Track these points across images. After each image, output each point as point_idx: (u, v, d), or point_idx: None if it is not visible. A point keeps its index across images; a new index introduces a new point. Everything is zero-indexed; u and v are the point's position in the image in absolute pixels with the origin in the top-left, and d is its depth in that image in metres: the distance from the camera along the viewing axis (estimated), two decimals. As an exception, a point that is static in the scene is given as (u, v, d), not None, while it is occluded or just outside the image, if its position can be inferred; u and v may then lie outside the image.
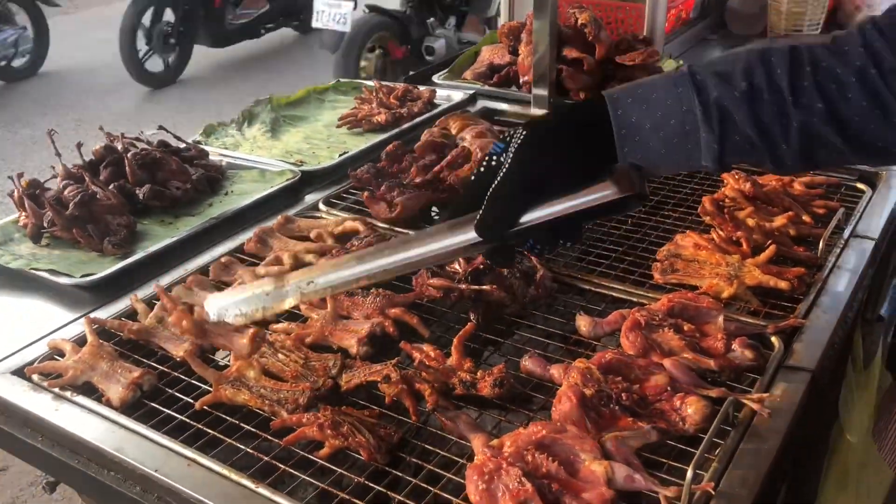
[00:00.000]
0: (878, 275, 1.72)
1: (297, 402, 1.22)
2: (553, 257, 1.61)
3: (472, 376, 1.24)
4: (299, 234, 1.72)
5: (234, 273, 1.58)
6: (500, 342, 1.38)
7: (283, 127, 2.34)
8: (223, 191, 1.96)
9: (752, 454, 1.09)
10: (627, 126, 0.96)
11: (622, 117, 0.96)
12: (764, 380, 1.22)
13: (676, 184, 1.91)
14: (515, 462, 1.05)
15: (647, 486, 1.04)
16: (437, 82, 2.64)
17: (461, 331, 1.32)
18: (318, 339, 1.37)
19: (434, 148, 2.00)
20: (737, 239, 1.54)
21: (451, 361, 1.28)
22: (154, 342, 1.40)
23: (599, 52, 2.43)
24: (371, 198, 1.77)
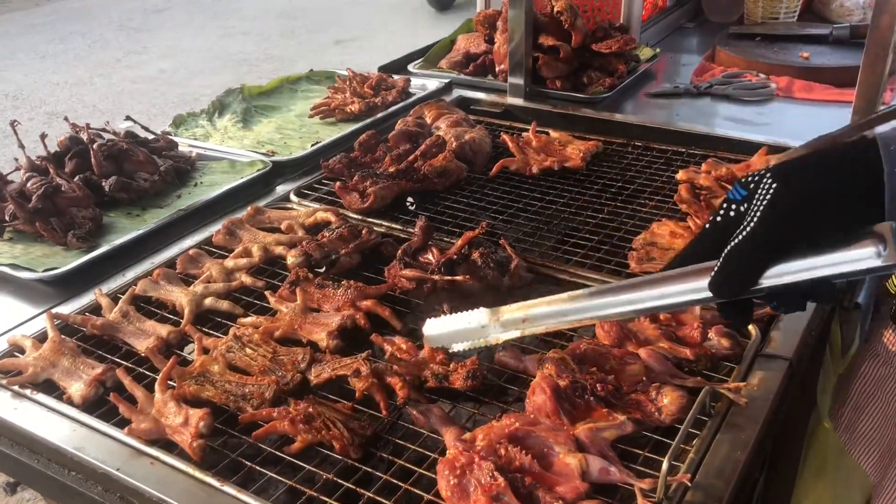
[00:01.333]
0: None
1: (263, 397, 1.18)
2: (528, 247, 1.59)
3: (445, 368, 1.21)
4: (269, 226, 1.69)
5: (201, 265, 1.54)
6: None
7: (255, 117, 2.30)
8: (192, 182, 1.91)
9: (729, 444, 1.07)
10: None
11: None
12: (741, 368, 1.20)
13: (653, 172, 1.89)
14: (488, 456, 1.03)
15: (621, 479, 1.01)
16: (413, 71, 2.61)
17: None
18: (288, 332, 1.33)
19: (408, 137, 1.97)
20: (713, 226, 1.52)
21: (424, 354, 1.25)
22: (119, 337, 1.36)
23: (575, 39, 2.40)
24: (343, 188, 1.73)
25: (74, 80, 7.55)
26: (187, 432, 1.11)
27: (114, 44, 8.67)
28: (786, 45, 2.71)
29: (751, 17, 3.03)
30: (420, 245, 1.49)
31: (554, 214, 1.72)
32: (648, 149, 2.01)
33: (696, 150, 1.97)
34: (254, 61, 7.94)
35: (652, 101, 2.41)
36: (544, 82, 2.40)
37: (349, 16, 9.42)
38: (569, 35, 2.42)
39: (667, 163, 1.94)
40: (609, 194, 1.80)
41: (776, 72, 2.47)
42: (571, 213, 1.72)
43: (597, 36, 2.48)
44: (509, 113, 2.30)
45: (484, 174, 1.90)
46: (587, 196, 1.79)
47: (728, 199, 0.90)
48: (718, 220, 0.89)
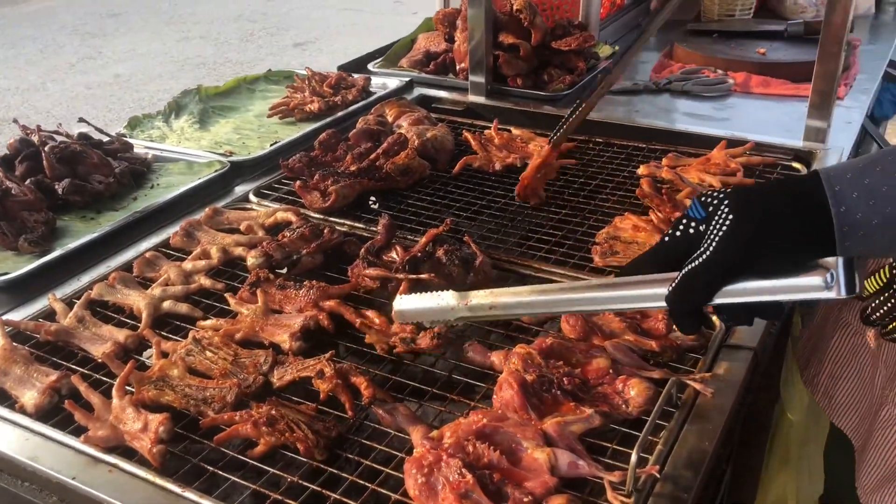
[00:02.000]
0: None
1: (225, 401, 1.16)
2: (492, 244, 1.58)
3: (410, 335, 1.22)
4: (228, 227, 1.65)
5: (159, 268, 1.50)
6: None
7: (213, 118, 2.26)
8: (149, 184, 1.87)
9: (696, 434, 1.07)
10: (851, 224, 0.84)
11: (845, 215, 0.83)
12: (706, 359, 1.20)
13: (615, 167, 1.90)
14: (456, 453, 1.01)
15: (590, 472, 1.01)
16: (373, 70, 2.59)
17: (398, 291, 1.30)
18: (249, 335, 1.31)
19: (369, 135, 1.95)
20: (676, 220, 1.53)
21: (395, 328, 1.25)
22: (74, 343, 1.32)
23: (535, 37, 2.41)
24: (304, 187, 1.71)
25: (26, 86, 7.38)
26: (147, 438, 1.08)
27: (68, 49, 8.49)
28: (742, 41, 2.74)
29: (707, 15, 3.06)
30: (383, 244, 1.47)
31: (517, 211, 1.72)
32: (609, 145, 2.02)
33: (656, 146, 1.98)
34: (212, 65, 7.84)
35: (612, 97, 2.42)
36: (505, 80, 2.39)
37: (308, 19, 9.35)
38: (528, 33, 2.42)
39: (628, 158, 1.95)
40: (571, 190, 1.80)
41: (734, 67, 2.50)
42: (534, 209, 1.72)
43: (556, 34, 2.49)
44: (471, 111, 2.30)
45: (447, 172, 1.89)
46: (551, 192, 1.79)
47: (687, 217, 0.93)
48: (678, 234, 0.93)
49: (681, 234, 0.92)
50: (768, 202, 0.86)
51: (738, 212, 0.87)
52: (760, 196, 0.87)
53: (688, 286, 0.89)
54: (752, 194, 0.88)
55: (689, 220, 0.92)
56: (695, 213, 0.92)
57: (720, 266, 0.87)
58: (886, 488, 1.46)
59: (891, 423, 1.45)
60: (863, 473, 1.51)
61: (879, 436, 1.47)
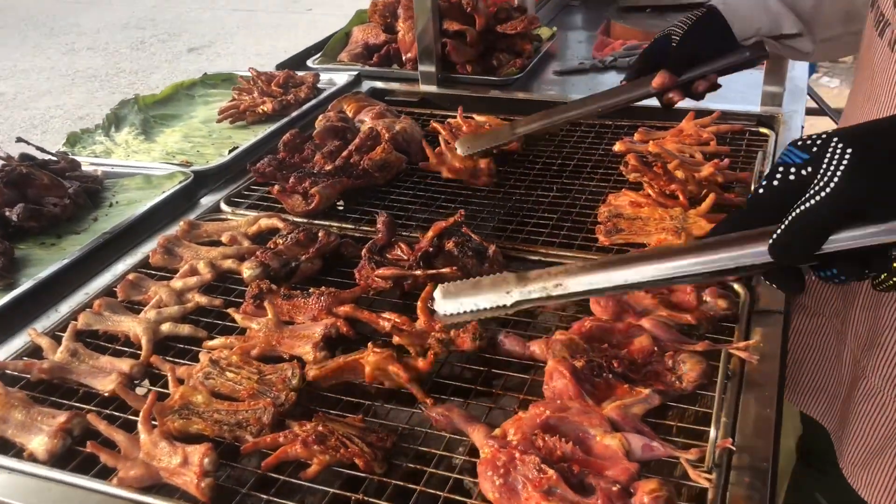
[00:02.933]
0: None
1: (261, 422, 1.08)
2: (490, 232, 1.54)
3: (447, 335, 1.16)
4: (208, 239, 1.56)
5: (146, 290, 1.40)
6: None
7: (156, 128, 2.13)
8: (107, 203, 1.75)
9: (755, 403, 1.07)
10: None
11: None
12: (741, 327, 1.20)
13: (588, 146, 1.89)
14: (528, 450, 0.98)
15: (666, 453, 0.99)
16: (312, 67, 2.50)
17: (422, 293, 1.24)
18: (266, 350, 1.23)
19: (335, 133, 1.87)
20: (671, 192, 1.53)
21: (420, 325, 1.20)
22: (72, 379, 1.21)
23: (479, 22, 2.38)
24: (282, 191, 1.62)
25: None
26: (190, 472, 0.99)
27: (-61, 69, 7.95)
28: (676, 14, 2.77)
29: (633, -8, 3.09)
30: (385, 242, 1.42)
31: (505, 197, 1.68)
32: (576, 125, 2.01)
33: (622, 122, 1.98)
34: (104, 77, 7.47)
35: (561, 78, 2.42)
36: (454, 67, 2.35)
37: (200, 22, 9.04)
38: (472, 19, 2.39)
39: (598, 136, 1.94)
40: (552, 172, 1.78)
41: (673, 41, 2.53)
42: (522, 194, 1.69)
43: (499, 18, 2.46)
44: (426, 101, 2.25)
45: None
46: (532, 176, 1.76)
47: (784, 163, 0.87)
48: (776, 183, 0.86)
49: (779, 182, 0.85)
50: (886, 135, 0.81)
51: (858, 144, 0.81)
52: (873, 130, 0.83)
53: (801, 230, 0.81)
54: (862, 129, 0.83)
55: (789, 167, 0.85)
56: (793, 158, 0.85)
57: (844, 202, 0.80)
58: (876, 462, 1.49)
59: (871, 395, 1.48)
60: (846, 451, 1.54)
61: (861, 409, 1.51)
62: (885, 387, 1.43)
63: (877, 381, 1.45)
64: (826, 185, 0.80)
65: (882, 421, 1.46)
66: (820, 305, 1.60)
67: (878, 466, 1.45)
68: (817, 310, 1.60)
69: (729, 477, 0.96)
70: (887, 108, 1.32)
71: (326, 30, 2.82)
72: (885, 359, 1.43)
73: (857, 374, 1.54)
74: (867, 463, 1.48)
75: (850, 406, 1.56)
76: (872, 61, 1.39)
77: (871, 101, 1.40)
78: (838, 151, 0.80)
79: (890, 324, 1.42)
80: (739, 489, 0.94)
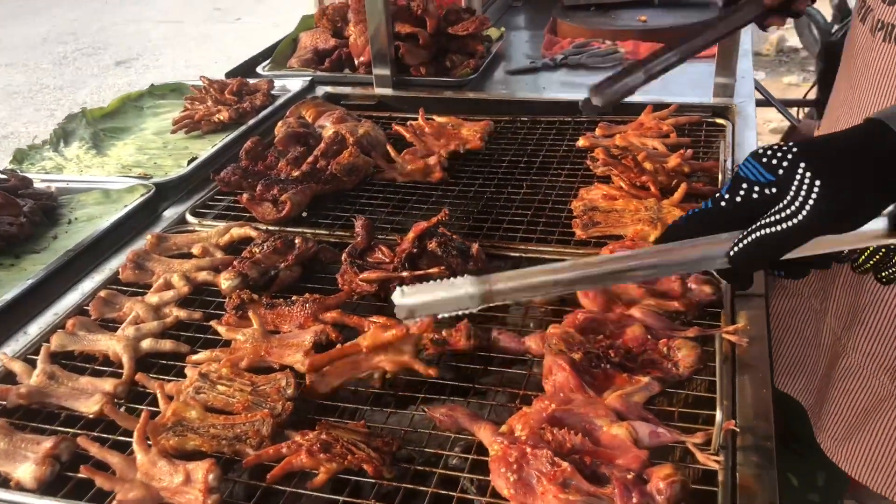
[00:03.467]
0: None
1: (261, 434, 1.05)
2: (467, 231, 1.54)
3: (440, 335, 1.15)
4: (178, 252, 1.52)
5: (120, 307, 1.35)
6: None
7: (107, 141, 2.06)
8: (65, 219, 1.68)
9: (751, 384, 1.09)
10: None
11: None
12: (727, 312, 1.23)
13: (552, 143, 1.91)
14: (538, 444, 0.98)
15: (673, 438, 1.00)
16: (263, 74, 2.46)
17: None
18: (255, 361, 1.20)
19: (297, 139, 1.85)
20: (642, 184, 1.55)
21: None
22: (52, 403, 1.16)
23: (431, 25, 2.38)
24: (252, 200, 1.59)
25: None
26: (194, 490, 0.96)
27: None
28: (619, 11, 2.83)
29: (573, -9, 3.13)
30: (365, 245, 1.40)
31: (476, 196, 1.68)
32: (536, 122, 2.02)
33: (581, 118, 2.01)
34: (27, 94, 7.21)
35: (514, 77, 2.43)
36: (407, 70, 2.35)
37: (125, 35, 8.80)
38: (423, 21, 2.39)
39: (559, 133, 1.96)
40: (520, 170, 1.79)
41: (620, 37, 2.57)
42: (493, 192, 1.69)
43: (449, 19, 2.47)
44: (383, 104, 2.23)
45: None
46: (500, 174, 1.77)
47: (748, 180, 0.89)
48: (739, 199, 0.89)
49: (742, 198, 0.89)
50: (853, 162, 0.84)
51: (827, 176, 0.83)
52: (838, 152, 0.85)
53: (763, 250, 0.86)
54: (827, 151, 0.85)
55: (752, 184, 0.88)
56: (757, 177, 0.88)
57: (811, 233, 0.85)
58: (855, 436, 1.54)
59: (852, 371, 1.53)
60: (825, 426, 1.59)
61: (841, 385, 1.56)
62: (865, 362, 1.48)
63: (857, 358, 1.50)
64: (794, 215, 0.83)
65: (862, 396, 1.50)
66: (799, 286, 1.65)
67: (859, 440, 1.50)
68: (797, 290, 1.65)
69: (736, 458, 0.98)
70: (868, 94, 1.36)
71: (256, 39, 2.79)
72: (865, 335, 1.48)
73: (836, 352, 1.58)
74: (848, 436, 1.53)
75: (829, 383, 1.61)
76: (856, 47, 1.44)
77: (852, 88, 1.44)
78: (806, 182, 0.83)
79: (870, 301, 1.47)
80: (748, 469, 0.96)
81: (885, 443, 1.47)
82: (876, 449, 1.48)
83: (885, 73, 1.35)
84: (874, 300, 1.45)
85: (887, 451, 1.47)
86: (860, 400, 1.53)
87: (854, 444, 1.51)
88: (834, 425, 1.57)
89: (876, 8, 1.36)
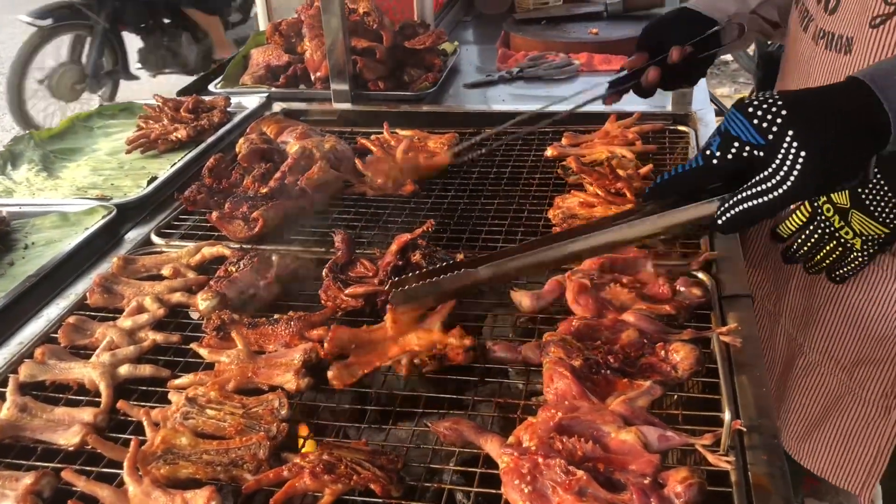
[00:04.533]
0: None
1: (257, 458, 1.01)
2: (447, 243, 1.51)
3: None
4: (147, 274, 1.46)
5: (90, 333, 1.29)
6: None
7: (57, 163, 1.98)
8: (20, 244, 1.60)
9: (749, 383, 1.09)
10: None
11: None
12: (716, 313, 1.23)
13: (519, 154, 1.90)
14: (549, 453, 0.96)
15: (682, 441, 0.99)
16: (215, 91, 2.40)
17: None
18: (242, 382, 1.15)
19: (261, 155, 1.80)
20: (617, 190, 1.56)
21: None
22: (27, 436, 1.10)
23: (386, 39, 2.37)
24: (222, 218, 1.54)
25: None
26: (195, 520, 0.91)
27: None
28: (569, 24, 2.87)
29: (522, 6, 3.16)
30: (346, 260, 1.37)
31: (450, 208, 1.67)
32: (501, 133, 2.01)
33: (546, 129, 2.01)
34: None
35: (472, 91, 2.43)
36: (365, 85, 2.32)
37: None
38: (379, 36, 2.38)
39: (525, 143, 1.96)
40: (490, 181, 1.78)
41: (573, 49, 2.60)
42: (467, 203, 1.68)
43: (405, 34, 2.46)
44: (344, 119, 2.20)
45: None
46: (471, 186, 1.76)
47: (739, 139, 0.93)
48: (730, 157, 0.95)
49: (733, 157, 0.95)
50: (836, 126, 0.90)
51: (811, 146, 0.89)
52: (824, 118, 0.90)
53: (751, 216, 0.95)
54: (815, 118, 0.90)
55: (743, 144, 0.94)
56: (748, 137, 0.93)
57: (794, 199, 0.93)
58: (816, 433, 1.57)
59: (809, 369, 1.57)
60: (785, 426, 1.62)
61: (799, 384, 1.59)
62: (823, 360, 1.51)
63: (814, 357, 1.52)
64: (779, 185, 0.91)
65: (821, 393, 1.53)
66: (752, 289, 1.67)
67: (819, 436, 1.53)
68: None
69: (746, 457, 0.97)
70: None
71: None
72: (821, 335, 1.51)
73: (792, 352, 1.61)
74: (808, 434, 1.56)
75: (786, 383, 1.64)
76: (798, 55, 1.47)
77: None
78: (792, 152, 0.90)
79: (824, 302, 1.50)
80: (760, 468, 0.96)
81: (846, 437, 1.50)
82: (837, 443, 1.51)
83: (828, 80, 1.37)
84: (829, 300, 1.48)
85: (848, 445, 1.51)
86: (819, 397, 1.56)
87: (815, 440, 1.54)
88: (794, 424, 1.60)
89: (817, 17, 1.39)
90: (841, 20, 1.34)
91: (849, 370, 1.47)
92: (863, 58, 1.29)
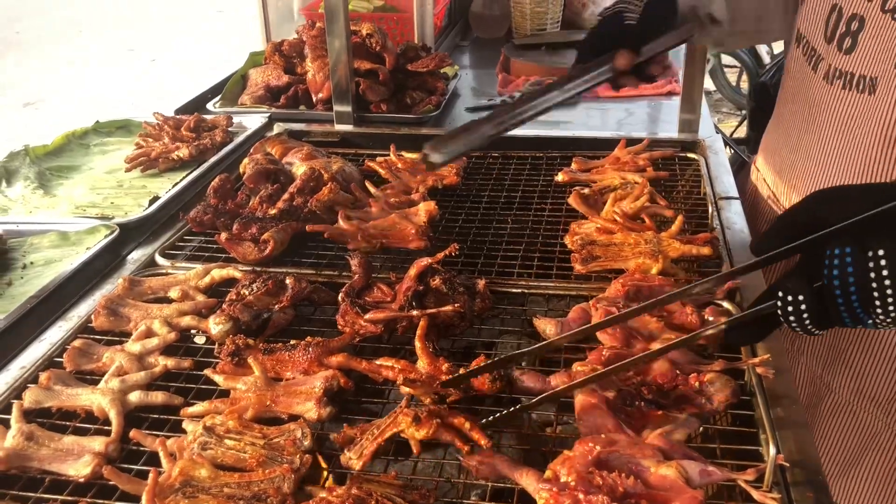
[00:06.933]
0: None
1: (282, 492, 0.96)
2: (461, 268, 1.48)
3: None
4: (153, 297, 1.41)
5: (97, 358, 1.24)
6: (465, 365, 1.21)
7: (54, 181, 1.93)
8: (18, 264, 1.55)
9: (787, 416, 1.06)
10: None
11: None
12: (746, 344, 1.21)
13: (528, 178, 1.88)
14: (589, 489, 0.92)
15: (724, 476, 0.96)
16: (213, 110, 2.36)
17: (417, 331, 1.18)
18: (260, 411, 1.11)
19: (267, 176, 1.76)
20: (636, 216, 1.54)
21: (424, 368, 1.12)
22: (34, 467, 1.04)
23: (389, 61, 2.34)
24: (231, 240, 1.50)
25: None
26: (221, 558, 0.86)
27: None
28: (569, 51, 2.86)
29: (520, 31, 3.16)
30: (363, 284, 1.33)
31: (462, 232, 1.64)
32: (508, 157, 2.00)
33: (554, 153, 1.99)
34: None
35: (474, 115, 2.41)
36: (367, 107, 2.30)
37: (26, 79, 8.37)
38: (381, 58, 2.35)
39: (534, 168, 1.94)
40: (501, 206, 1.75)
41: (575, 75, 2.58)
42: (478, 228, 1.65)
43: (408, 56, 2.44)
44: (347, 141, 2.17)
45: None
46: (482, 210, 1.73)
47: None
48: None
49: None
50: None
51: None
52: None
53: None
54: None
55: None
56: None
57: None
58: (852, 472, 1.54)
59: (841, 408, 1.53)
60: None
61: (830, 423, 1.55)
62: (855, 399, 1.48)
63: (846, 395, 1.49)
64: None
65: (855, 432, 1.50)
66: None
67: (858, 473, 1.50)
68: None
69: (791, 493, 0.94)
70: (831, 137, 1.38)
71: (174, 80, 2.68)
72: (851, 374, 1.48)
73: (817, 390, 1.58)
74: (844, 472, 1.52)
75: (813, 421, 1.60)
76: (808, 94, 1.45)
77: (810, 133, 1.45)
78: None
79: (853, 339, 1.47)
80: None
81: (885, 475, 1.47)
82: (877, 481, 1.48)
83: (850, 122, 1.35)
84: (857, 339, 1.45)
85: (888, 483, 1.47)
86: (854, 436, 1.53)
87: (853, 477, 1.51)
88: (827, 462, 1.57)
89: (828, 56, 1.37)
90: (860, 60, 1.32)
91: (884, 407, 1.44)
92: (889, 97, 1.27)
